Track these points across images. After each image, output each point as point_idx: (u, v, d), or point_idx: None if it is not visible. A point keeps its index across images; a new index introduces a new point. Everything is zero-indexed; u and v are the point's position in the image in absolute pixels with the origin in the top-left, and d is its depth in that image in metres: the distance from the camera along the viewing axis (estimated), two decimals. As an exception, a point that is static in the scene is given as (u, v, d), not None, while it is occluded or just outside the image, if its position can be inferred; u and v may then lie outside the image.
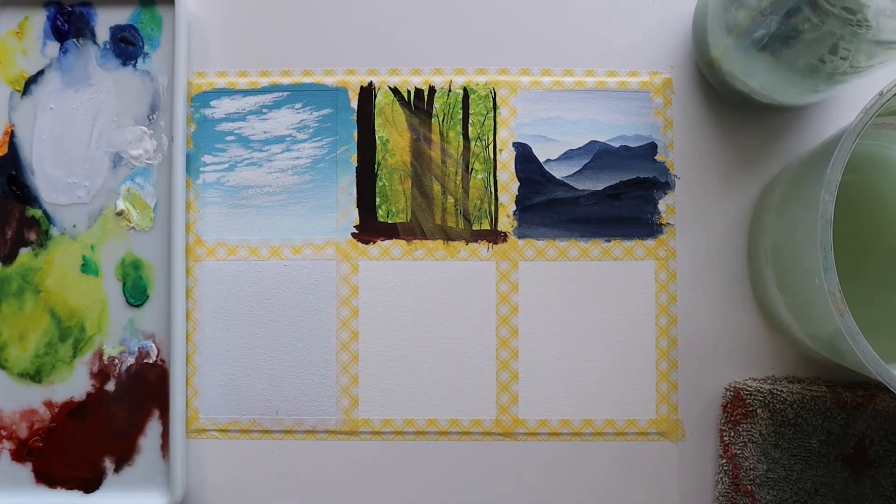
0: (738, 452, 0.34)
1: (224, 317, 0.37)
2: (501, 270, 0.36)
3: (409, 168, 0.37)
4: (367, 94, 0.37)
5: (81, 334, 0.36)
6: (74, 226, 0.37)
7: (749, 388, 0.34)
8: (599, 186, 0.37)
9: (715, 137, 0.36)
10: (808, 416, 0.33)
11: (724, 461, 0.34)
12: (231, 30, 0.38)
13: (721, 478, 0.34)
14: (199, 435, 0.36)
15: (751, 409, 0.34)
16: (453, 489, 0.36)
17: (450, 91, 0.37)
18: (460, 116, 0.37)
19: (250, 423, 0.36)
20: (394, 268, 0.37)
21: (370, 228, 0.37)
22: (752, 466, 0.34)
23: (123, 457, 0.36)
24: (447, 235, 0.37)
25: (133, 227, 0.37)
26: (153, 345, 0.36)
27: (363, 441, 0.36)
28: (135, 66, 0.37)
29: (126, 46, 0.37)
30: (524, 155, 0.37)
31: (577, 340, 0.36)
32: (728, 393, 0.35)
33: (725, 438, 0.34)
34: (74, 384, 0.36)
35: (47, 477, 0.36)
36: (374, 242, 0.37)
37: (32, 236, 0.37)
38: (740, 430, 0.34)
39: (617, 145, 0.37)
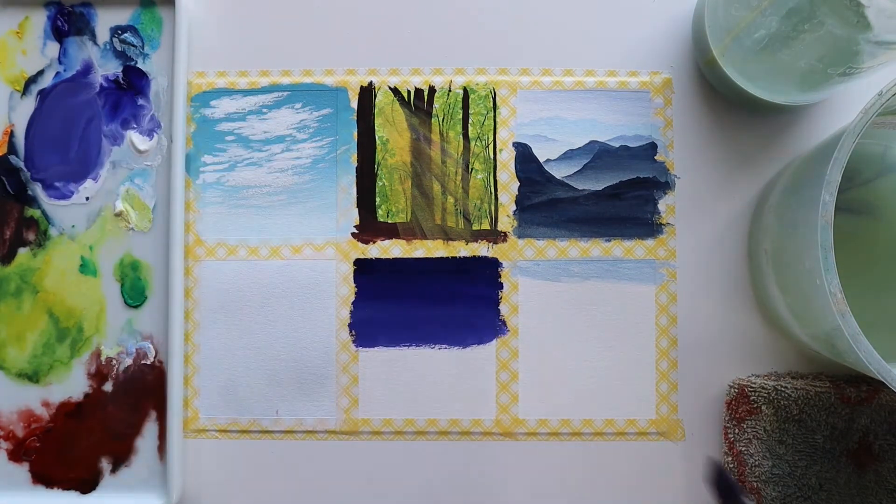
0: (743, 449, 0.34)
1: (224, 317, 0.36)
2: (502, 270, 0.36)
3: (409, 168, 0.37)
4: (367, 93, 0.37)
5: (79, 335, 0.36)
6: (73, 226, 0.37)
7: (753, 385, 0.34)
8: (599, 186, 0.37)
9: (715, 137, 0.36)
10: (812, 411, 0.33)
11: (730, 459, 0.34)
12: (231, 30, 0.38)
13: (726, 475, 0.34)
14: (198, 435, 0.36)
15: (755, 405, 0.34)
16: (453, 489, 0.36)
17: (450, 91, 0.37)
18: (460, 116, 0.37)
19: (250, 423, 0.36)
20: (394, 268, 0.36)
21: (370, 228, 0.37)
22: (757, 463, 0.34)
23: (120, 458, 0.36)
24: (447, 235, 0.37)
25: (132, 228, 0.37)
26: (151, 346, 0.36)
27: (363, 441, 0.36)
28: (135, 66, 0.37)
29: (126, 47, 0.37)
30: (524, 155, 0.37)
31: (576, 340, 0.36)
32: (732, 390, 0.35)
33: (730, 436, 0.34)
34: (72, 385, 0.36)
35: (44, 477, 0.36)
36: (374, 242, 0.37)
37: (31, 236, 0.37)
38: (745, 426, 0.34)
39: (617, 145, 0.37)
